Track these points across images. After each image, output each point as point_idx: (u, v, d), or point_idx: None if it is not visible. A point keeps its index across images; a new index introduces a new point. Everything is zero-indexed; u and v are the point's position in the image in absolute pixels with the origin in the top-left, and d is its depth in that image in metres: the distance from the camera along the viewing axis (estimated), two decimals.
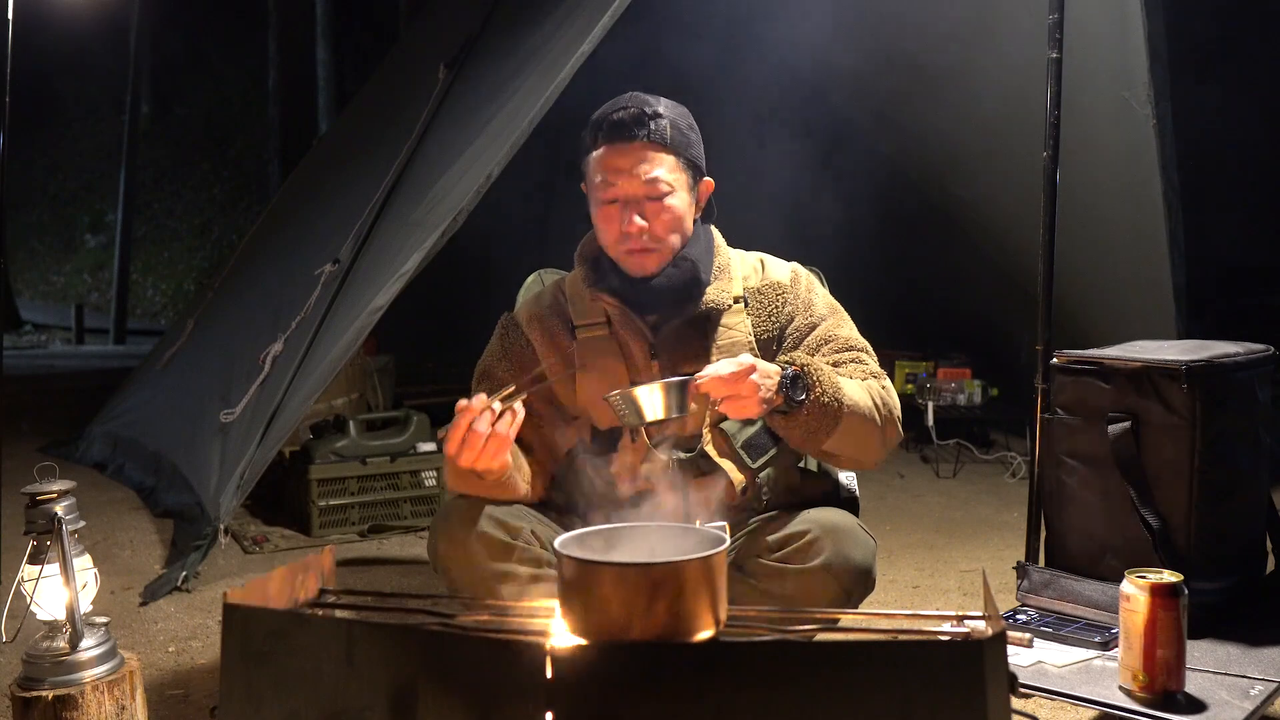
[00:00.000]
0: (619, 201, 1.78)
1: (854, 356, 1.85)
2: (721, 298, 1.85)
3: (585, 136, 1.83)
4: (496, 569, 1.69)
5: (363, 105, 5.66)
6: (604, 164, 1.78)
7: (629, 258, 1.80)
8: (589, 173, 1.83)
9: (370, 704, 1.13)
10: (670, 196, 1.78)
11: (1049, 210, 2.44)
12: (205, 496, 3.41)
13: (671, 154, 1.78)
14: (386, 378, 4.85)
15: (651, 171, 1.76)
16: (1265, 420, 2.05)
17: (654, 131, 1.76)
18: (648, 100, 1.80)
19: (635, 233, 1.77)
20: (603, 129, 1.79)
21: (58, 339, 11.91)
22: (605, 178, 1.78)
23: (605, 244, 1.83)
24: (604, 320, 1.87)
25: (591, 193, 1.83)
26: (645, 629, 1.22)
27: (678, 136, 1.79)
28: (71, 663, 1.79)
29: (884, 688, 1.04)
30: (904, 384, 4.97)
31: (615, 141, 1.77)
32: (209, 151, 15.24)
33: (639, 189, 1.76)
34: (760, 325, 1.87)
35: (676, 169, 1.79)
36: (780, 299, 1.88)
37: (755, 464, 1.82)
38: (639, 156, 1.76)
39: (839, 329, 1.88)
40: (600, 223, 1.82)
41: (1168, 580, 1.60)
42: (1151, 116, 3.55)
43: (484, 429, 1.56)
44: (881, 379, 1.84)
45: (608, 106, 1.81)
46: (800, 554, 1.69)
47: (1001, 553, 3.31)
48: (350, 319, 3.28)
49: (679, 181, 1.79)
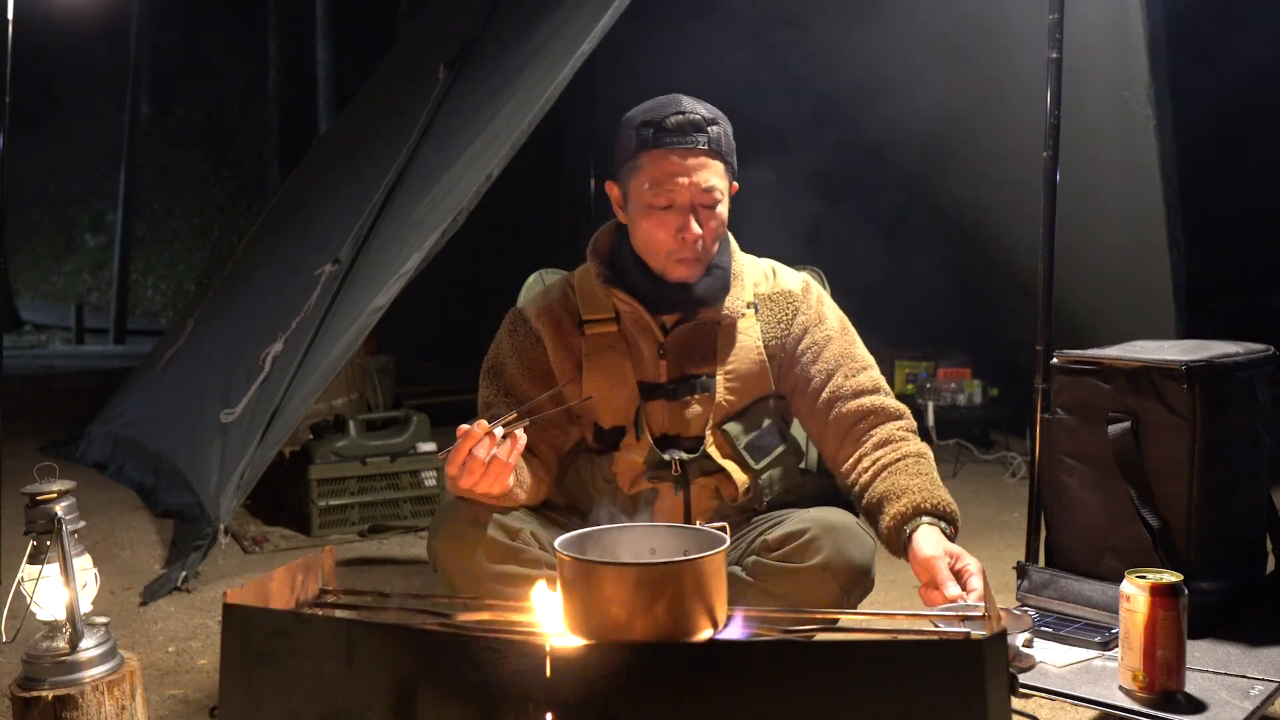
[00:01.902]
0: (674, 207, 1.74)
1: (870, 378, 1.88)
2: (736, 304, 1.84)
3: (629, 136, 1.77)
4: (496, 569, 1.69)
5: (363, 105, 5.65)
6: (660, 169, 1.73)
7: (679, 266, 1.77)
8: (633, 177, 1.77)
9: (370, 704, 1.13)
10: (721, 205, 1.77)
11: (1049, 210, 2.44)
12: (205, 496, 3.41)
13: (723, 162, 1.77)
14: (386, 378, 4.85)
15: (710, 180, 1.74)
16: (1265, 420, 2.04)
17: (712, 139, 1.74)
18: (698, 104, 1.76)
19: (693, 241, 1.74)
20: (657, 132, 1.73)
21: (58, 339, 11.91)
22: (661, 183, 1.73)
23: (652, 249, 1.79)
24: (613, 317, 1.85)
25: (636, 196, 1.77)
26: (645, 629, 1.22)
27: (728, 145, 1.77)
28: (71, 663, 1.78)
29: (884, 688, 1.05)
30: (904, 384, 4.97)
31: (674, 146, 1.72)
32: (209, 151, 15.23)
33: (696, 197, 1.73)
34: (769, 332, 1.86)
35: (725, 177, 1.78)
36: (791, 308, 1.88)
37: (759, 465, 1.83)
38: (699, 163, 1.73)
39: (853, 347, 1.89)
40: (649, 227, 1.76)
41: (1168, 580, 1.60)
42: (1151, 116, 3.55)
43: (484, 456, 1.54)
44: (884, 390, 1.88)
45: (655, 108, 1.76)
46: (799, 553, 1.69)
47: (1001, 553, 3.31)
48: (350, 319, 3.28)
49: (726, 190, 1.79)
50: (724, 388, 1.82)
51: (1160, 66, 3.51)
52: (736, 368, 1.83)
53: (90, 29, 12.60)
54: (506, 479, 1.60)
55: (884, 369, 1.93)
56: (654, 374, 1.83)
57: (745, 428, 1.83)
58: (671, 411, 1.83)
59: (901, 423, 1.84)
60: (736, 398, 1.83)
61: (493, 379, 1.88)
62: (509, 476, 1.60)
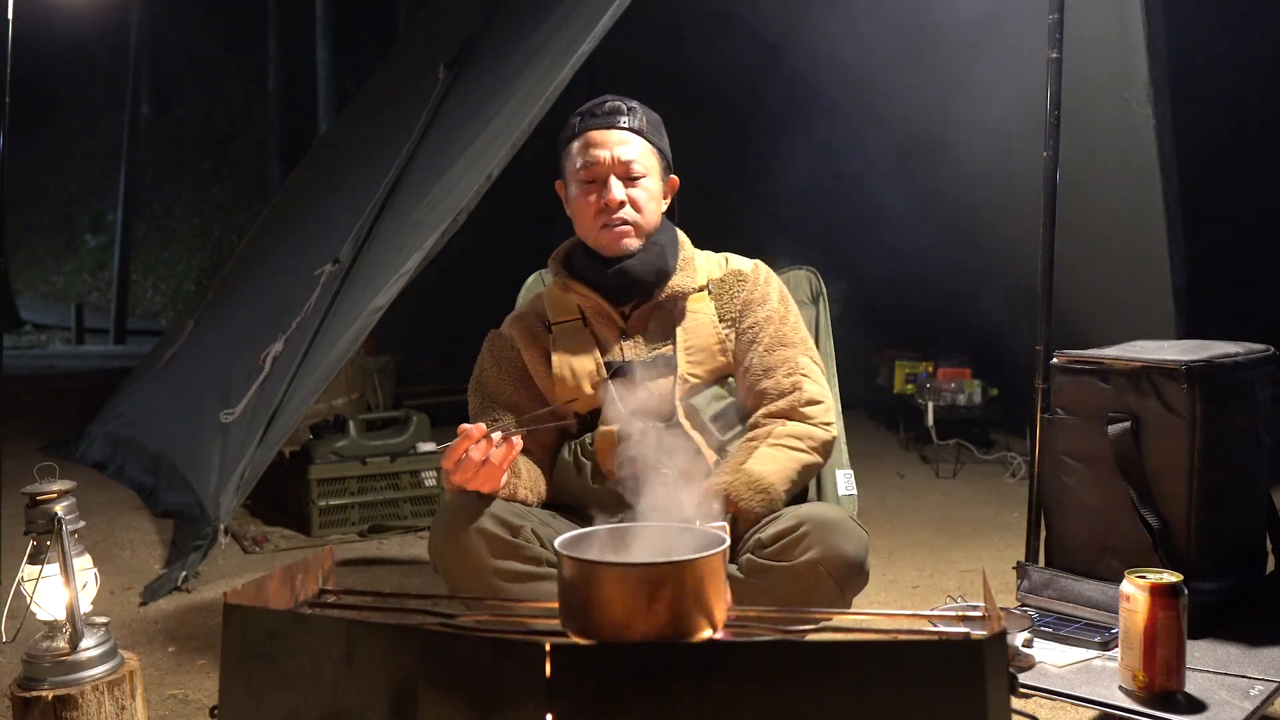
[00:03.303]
0: (598, 180, 1.90)
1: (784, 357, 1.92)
2: (687, 284, 1.96)
3: (563, 134, 1.96)
4: (497, 565, 1.71)
5: (363, 105, 5.66)
6: (584, 147, 1.90)
7: (608, 233, 1.90)
8: (568, 162, 1.94)
9: (370, 704, 1.13)
10: (645, 179, 1.91)
11: (1049, 210, 2.44)
12: (205, 496, 3.41)
13: (646, 141, 1.92)
14: (386, 378, 4.85)
15: (629, 154, 1.90)
16: (1265, 420, 2.05)
17: (634, 120, 1.92)
18: (622, 98, 1.96)
19: (614, 205, 1.88)
20: (583, 118, 1.93)
21: (58, 339, 11.89)
22: (585, 159, 1.90)
23: (584, 224, 1.94)
24: (578, 316, 1.98)
25: (571, 179, 1.94)
26: (645, 629, 1.22)
27: (650, 127, 1.94)
28: (71, 663, 1.79)
29: (884, 687, 1.04)
30: (904, 384, 4.96)
31: (595, 128, 1.91)
32: (209, 151, 15.23)
33: (618, 168, 1.89)
34: (723, 307, 1.98)
35: (650, 155, 1.93)
36: (741, 283, 1.99)
37: (725, 437, 1.89)
38: (619, 139, 1.90)
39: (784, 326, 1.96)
40: (579, 204, 1.93)
41: (1168, 580, 1.60)
42: (1152, 116, 3.55)
43: (477, 457, 1.65)
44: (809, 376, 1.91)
45: (586, 106, 1.95)
46: (791, 549, 1.70)
47: (1001, 553, 3.31)
48: (350, 319, 3.28)
49: (652, 168, 1.93)
50: (686, 362, 1.92)
51: (1160, 66, 3.51)
52: (694, 343, 1.93)
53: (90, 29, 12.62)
54: (498, 480, 1.72)
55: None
56: (618, 356, 1.93)
57: (709, 400, 1.91)
58: (639, 388, 1.90)
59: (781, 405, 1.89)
60: (699, 371, 1.92)
61: (478, 392, 2.00)
62: (500, 478, 1.72)
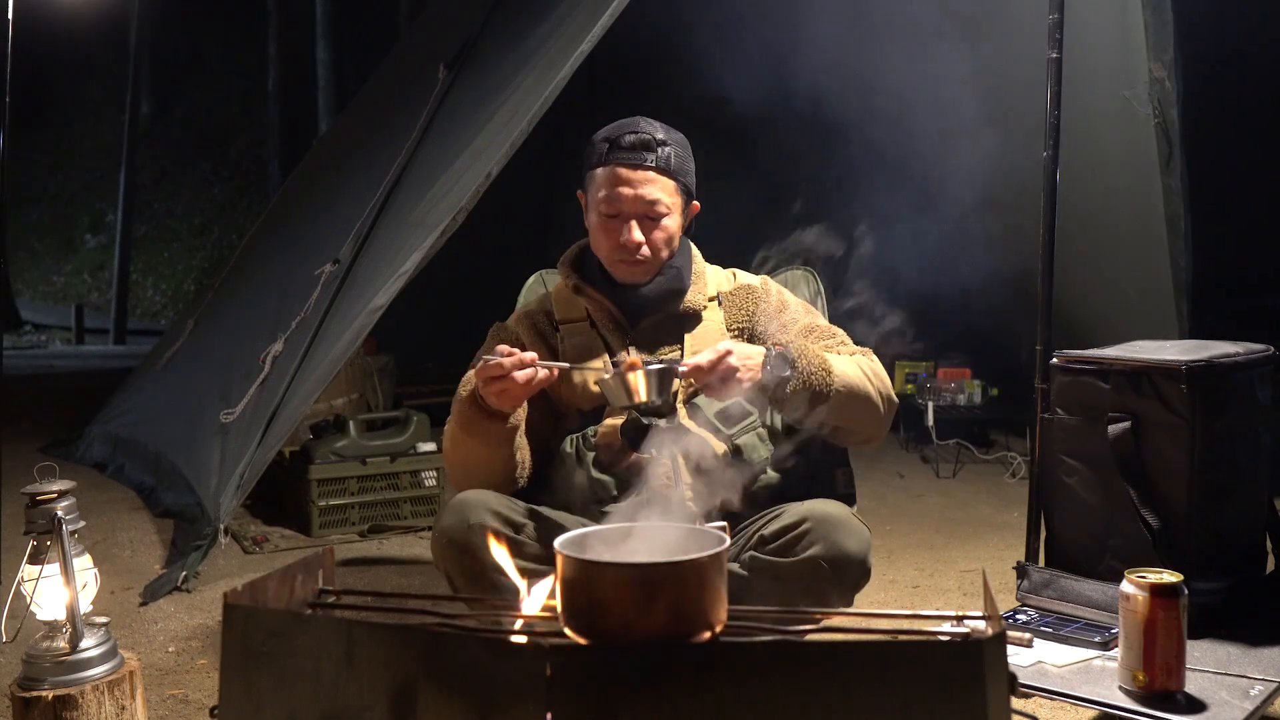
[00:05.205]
0: (619, 216, 1.91)
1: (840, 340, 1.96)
2: (699, 299, 1.99)
3: (591, 152, 1.95)
4: (498, 562, 1.70)
5: (363, 105, 5.65)
6: (610, 182, 1.90)
7: (619, 266, 1.94)
8: (592, 186, 1.95)
9: (370, 704, 1.13)
10: (666, 218, 1.93)
11: (1049, 210, 2.44)
12: (205, 496, 3.41)
13: (672, 180, 1.92)
14: (386, 378, 4.85)
15: (654, 194, 1.90)
16: (1265, 420, 2.04)
17: (659, 158, 1.90)
18: (655, 126, 1.94)
19: (632, 246, 1.91)
20: (610, 148, 1.91)
21: (58, 339, 11.88)
22: (609, 194, 1.90)
23: (601, 251, 1.97)
24: (586, 319, 2.00)
25: (593, 205, 1.95)
26: (645, 629, 1.22)
27: (678, 164, 1.94)
28: (71, 663, 1.79)
29: (884, 687, 1.04)
30: (904, 384, 4.95)
31: (624, 164, 1.90)
32: (209, 151, 15.23)
33: (640, 208, 1.90)
34: (732, 318, 2.00)
35: (674, 193, 1.93)
36: (753, 299, 2.01)
37: (730, 431, 1.88)
38: (644, 178, 1.89)
39: (818, 320, 2.01)
40: (599, 233, 1.95)
41: (1168, 580, 1.60)
42: (1152, 116, 3.54)
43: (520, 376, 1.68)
44: (868, 355, 1.93)
45: (615, 128, 1.93)
46: (793, 545, 1.71)
47: (1001, 553, 3.31)
48: (350, 319, 3.29)
49: (675, 205, 1.94)
50: None
51: (1164, 66, 3.50)
52: (701, 348, 1.91)
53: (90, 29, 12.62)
54: (520, 401, 1.76)
55: (884, 369, 1.93)
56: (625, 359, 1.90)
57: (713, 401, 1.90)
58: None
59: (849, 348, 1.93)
60: None
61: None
62: (523, 399, 1.76)
